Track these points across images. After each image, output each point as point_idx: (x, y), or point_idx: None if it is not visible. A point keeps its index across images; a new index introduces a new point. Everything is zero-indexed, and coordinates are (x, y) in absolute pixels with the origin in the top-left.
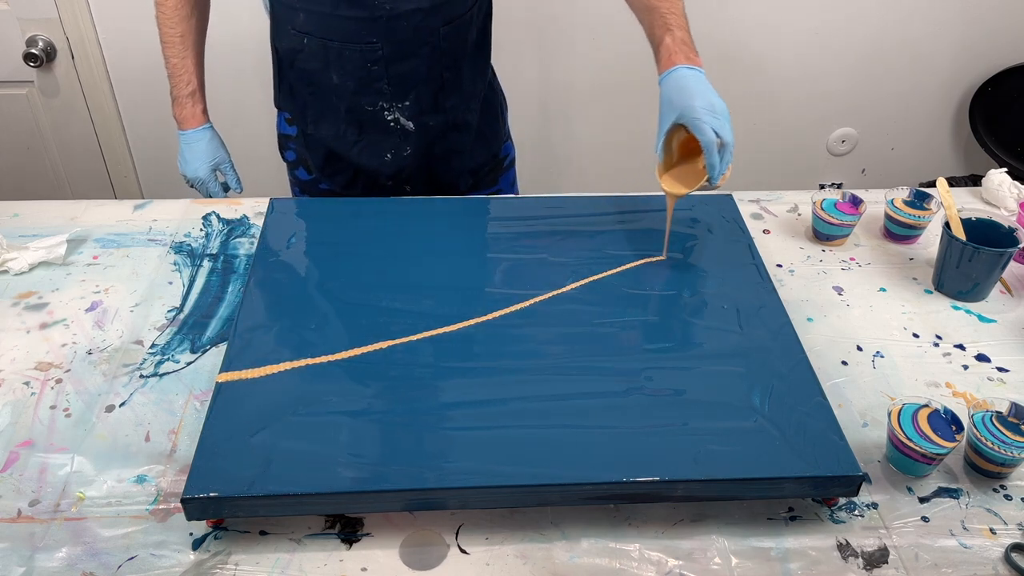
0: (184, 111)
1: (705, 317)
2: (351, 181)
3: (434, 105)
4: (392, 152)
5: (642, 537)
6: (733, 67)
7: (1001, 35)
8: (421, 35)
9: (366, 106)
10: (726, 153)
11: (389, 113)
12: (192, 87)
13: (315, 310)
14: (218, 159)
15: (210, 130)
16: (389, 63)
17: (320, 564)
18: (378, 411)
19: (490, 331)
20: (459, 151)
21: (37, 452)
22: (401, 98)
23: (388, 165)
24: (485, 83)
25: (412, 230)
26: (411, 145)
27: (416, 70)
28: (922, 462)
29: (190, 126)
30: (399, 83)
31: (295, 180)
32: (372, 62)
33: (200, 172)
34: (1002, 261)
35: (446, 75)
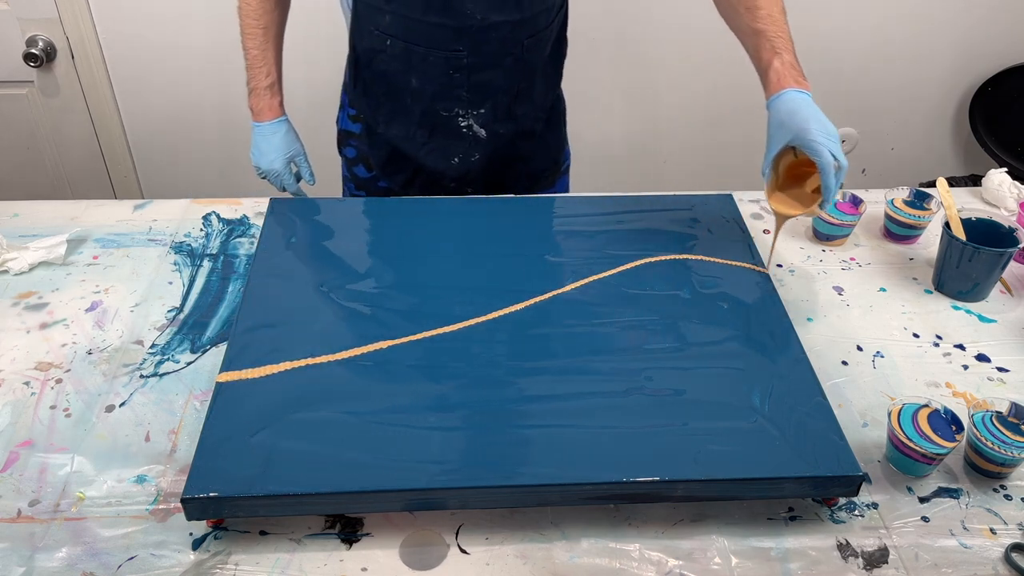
0: (261, 102)
1: (705, 317)
2: (410, 180)
3: (507, 113)
4: (460, 156)
5: (642, 537)
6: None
7: (1001, 35)
8: (506, 46)
9: (441, 111)
10: (841, 175)
11: (464, 120)
12: (271, 79)
13: (315, 310)
14: (293, 151)
15: (286, 122)
16: (471, 71)
17: (320, 564)
18: (378, 411)
19: (490, 331)
20: (523, 158)
21: (37, 452)
22: (477, 106)
23: (454, 168)
24: (555, 94)
25: (412, 230)
26: (480, 151)
27: (496, 80)
28: (922, 462)
29: (266, 118)
30: (477, 91)
31: (352, 177)
32: (455, 69)
33: (276, 164)
34: (1002, 261)
35: (521, 85)
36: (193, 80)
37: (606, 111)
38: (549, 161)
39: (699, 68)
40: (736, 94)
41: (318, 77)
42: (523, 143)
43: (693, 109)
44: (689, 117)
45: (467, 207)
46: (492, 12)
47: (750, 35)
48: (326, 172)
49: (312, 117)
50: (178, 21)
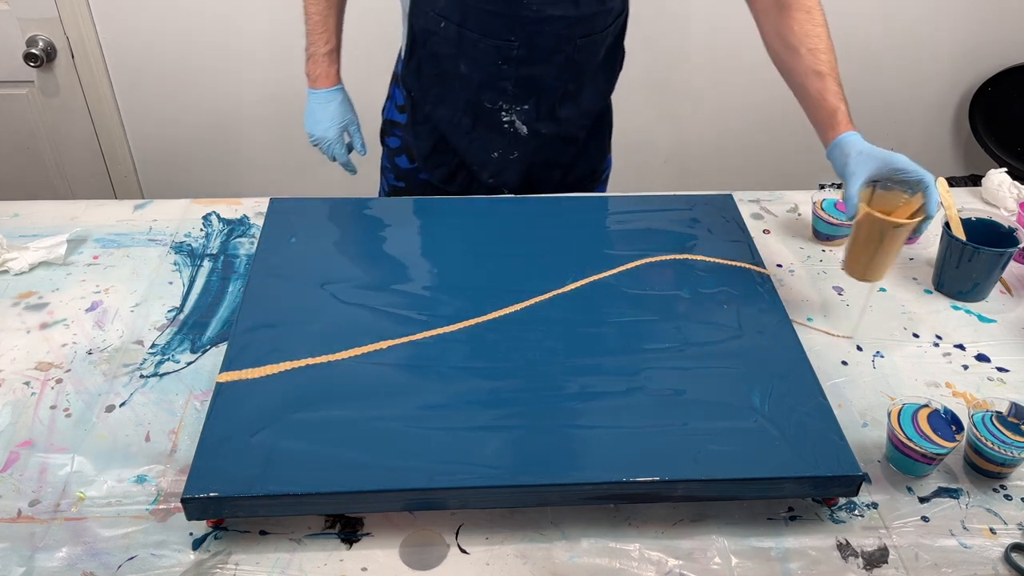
0: (319, 69)
1: (705, 317)
2: (451, 175)
3: (551, 114)
4: (499, 152)
5: (642, 537)
6: (733, 67)
7: (1001, 35)
8: (559, 43)
9: (486, 102)
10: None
11: (507, 115)
12: (331, 46)
13: (315, 310)
14: (347, 120)
15: (342, 91)
16: (520, 64)
17: (320, 564)
18: (378, 411)
19: (490, 331)
20: (561, 164)
21: (37, 452)
22: (522, 101)
23: (493, 163)
24: (605, 104)
25: (412, 230)
26: (519, 149)
27: (544, 76)
28: (922, 462)
29: (323, 85)
30: (524, 85)
31: (393, 167)
32: (504, 60)
33: (329, 132)
34: (1002, 261)
35: (569, 87)
36: (193, 80)
37: None
38: (588, 170)
39: (699, 68)
40: (736, 94)
41: (366, 67)
42: (565, 148)
43: (693, 109)
44: (689, 117)
45: (467, 207)
46: (548, 6)
47: (811, 77)
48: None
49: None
50: (178, 21)
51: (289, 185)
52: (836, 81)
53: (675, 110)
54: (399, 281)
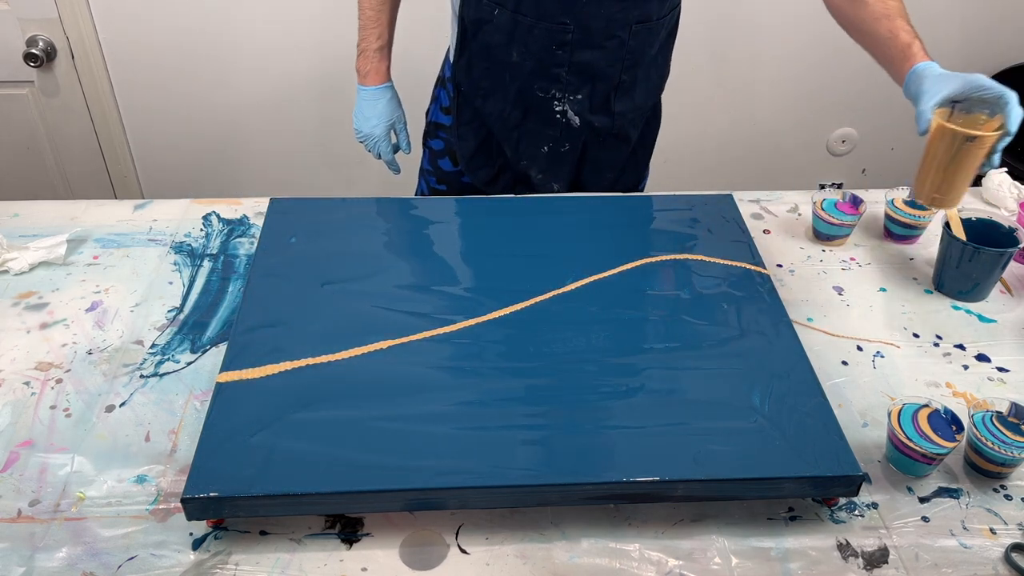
0: (369, 65)
1: (705, 317)
2: (495, 177)
3: (605, 105)
4: (550, 145)
5: (642, 537)
6: (733, 66)
7: (1001, 35)
8: (613, 26)
9: (538, 91)
10: None
11: (559, 104)
12: (382, 42)
13: (315, 310)
14: (395, 118)
15: (392, 88)
16: (574, 49)
17: (320, 564)
18: (378, 411)
19: (490, 331)
20: (612, 165)
21: (37, 452)
22: (576, 90)
23: (543, 158)
24: (655, 100)
25: (412, 230)
26: (570, 142)
27: (598, 62)
28: (922, 462)
29: (373, 82)
30: (578, 72)
31: (435, 170)
32: (558, 45)
33: (377, 130)
34: (1002, 261)
35: (624, 77)
36: (193, 80)
37: None
38: (634, 179)
39: (699, 68)
40: (736, 94)
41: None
42: (617, 147)
43: (693, 109)
44: (689, 117)
45: (467, 207)
46: None
47: (881, 21)
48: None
49: None
50: (178, 21)
51: (289, 185)
52: (907, 20)
53: (675, 110)
54: (399, 281)
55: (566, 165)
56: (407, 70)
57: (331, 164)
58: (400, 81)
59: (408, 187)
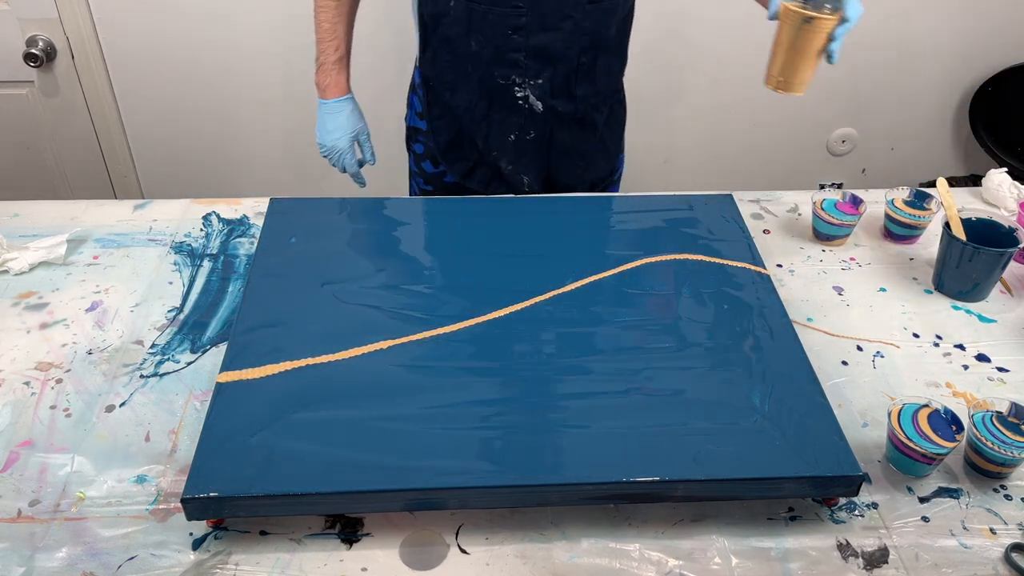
0: (328, 78)
1: (705, 317)
2: (471, 170)
3: (566, 89)
4: (516, 134)
5: (642, 537)
6: (733, 66)
7: (1001, 35)
8: (565, 7)
9: (499, 78)
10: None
11: (521, 90)
12: (339, 54)
13: (315, 310)
14: (358, 130)
15: (352, 100)
16: (530, 33)
17: (320, 564)
18: (378, 411)
19: (490, 331)
20: (581, 152)
21: (37, 452)
22: (535, 75)
23: (510, 148)
24: (617, 86)
25: (412, 230)
26: (535, 128)
27: (554, 45)
28: (922, 462)
29: (333, 95)
30: (536, 56)
31: (420, 172)
32: (513, 29)
33: (341, 142)
34: (1002, 261)
35: (582, 59)
36: (193, 80)
37: None
38: (607, 168)
39: (699, 68)
40: (737, 94)
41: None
42: (580, 132)
43: (693, 109)
44: (689, 117)
45: (467, 207)
46: None
47: None
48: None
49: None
50: (178, 21)
51: (289, 185)
52: None
53: (675, 110)
54: (399, 281)
55: (534, 153)
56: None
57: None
58: (377, 88)
59: (405, 189)
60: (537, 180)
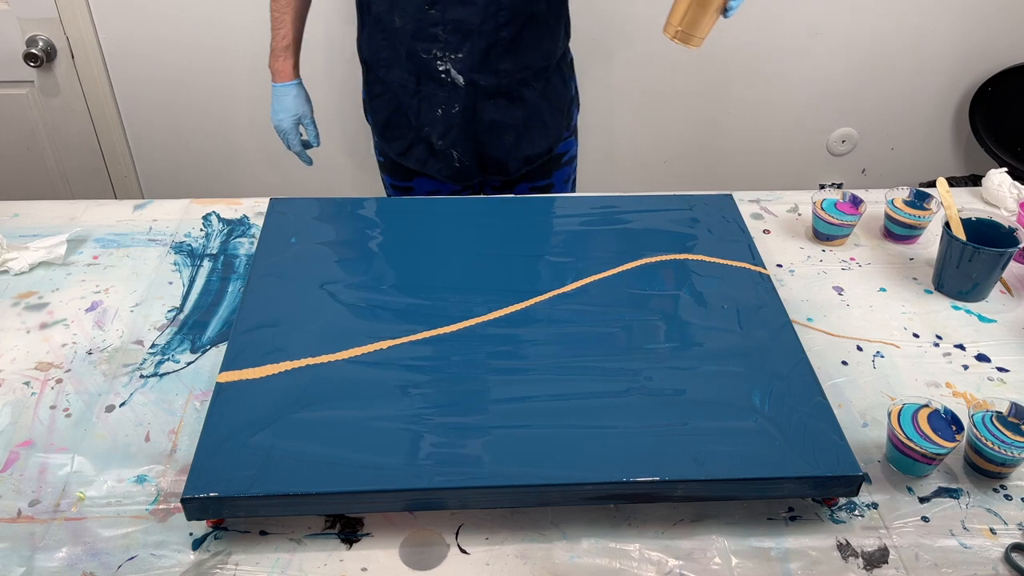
0: (277, 63)
1: (705, 317)
2: (408, 148)
3: (487, 63)
4: (443, 107)
5: (642, 537)
6: (733, 67)
7: (1001, 35)
8: None
9: (422, 53)
10: None
11: (442, 63)
12: (287, 41)
13: (315, 310)
14: (301, 114)
15: (297, 86)
16: (447, 7)
17: (320, 564)
18: (378, 411)
19: (490, 331)
20: (510, 126)
21: (37, 452)
22: (455, 49)
23: (438, 122)
24: (550, 63)
25: (412, 230)
26: (459, 102)
27: (471, 19)
28: (922, 462)
29: (280, 79)
30: (454, 31)
31: (385, 184)
32: (430, 4)
33: (284, 123)
34: (1002, 261)
35: (502, 33)
36: (193, 80)
37: (607, 111)
38: (545, 145)
39: (699, 68)
40: (736, 94)
41: None
42: (508, 107)
43: (693, 109)
44: (689, 117)
45: (467, 207)
46: None
47: None
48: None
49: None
50: (178, 21)
51: (289, 185)
52: None
53: (675, 110)
54: (399, 281)
55: (462, 127)
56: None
57: (331, 164)
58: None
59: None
60: (468, 155)
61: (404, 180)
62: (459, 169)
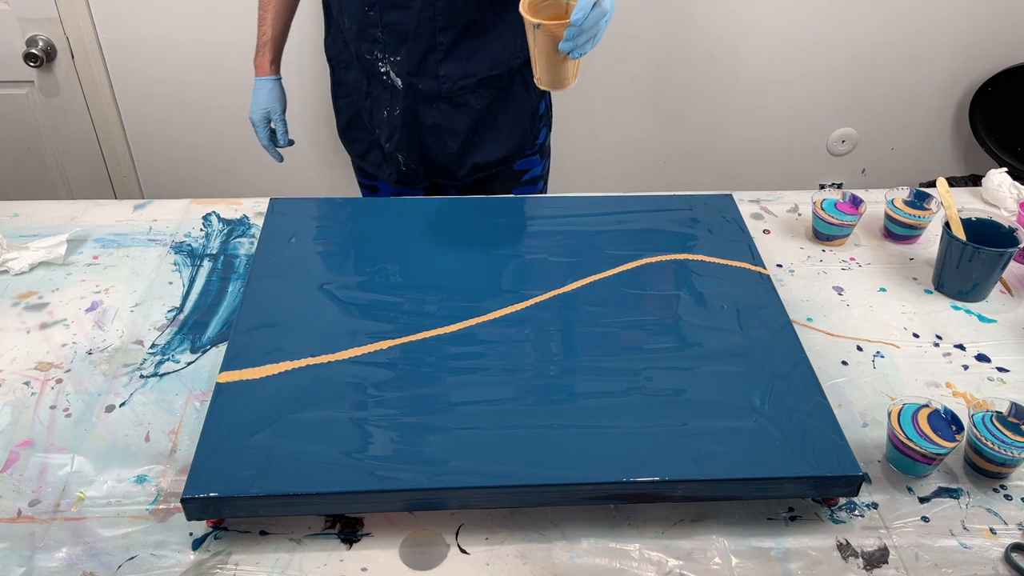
0: (257, 59)
1: (705, 317)
2: (367, 151)
3: (425, 68)
4: (387, 110)
5: (642, 537)
6: (733, 67)
7: (1001, 35)
8: None
9: (366, 54)
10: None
11: (383, 65)
12: (266, 38)
13: (315, 310)
14: (271, 110)
15: (271, 81)
16: (383, 9)
17: (320, 564)
18: (378, 411)
19: (490, 331)
20: (454, 131)
21: (37, 452)
22: (394, 52)
23: (385, 124)
24: (503, 72)
25: (412, 230)
26: (399, 105)
27: (407, 23)
28: (922, 462)
29: (258, 74)
30: (391, 33)
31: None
32: (369, 6)
33: (253, 117)
34: (1002, 261)
35: (439, 38)
36: (193, 80)
37: (607, 111)
38: (498, 154)
39: (699, 68)
40: (736, 94)
41: None
42: (451, 111)
43: (693, 109)
44: (689, 117)
45: (467, 207)
46: None
47: None
48: None
49: None
50: (178, 21)
51: (289, 185)
52: None
53: (675, 110)
54: (399, 281)
55: (405, 131)
56: None
57: (331, 164)
58: None
59: None
60: (413, 158)
61: (368, 179)
62: (405, 172)
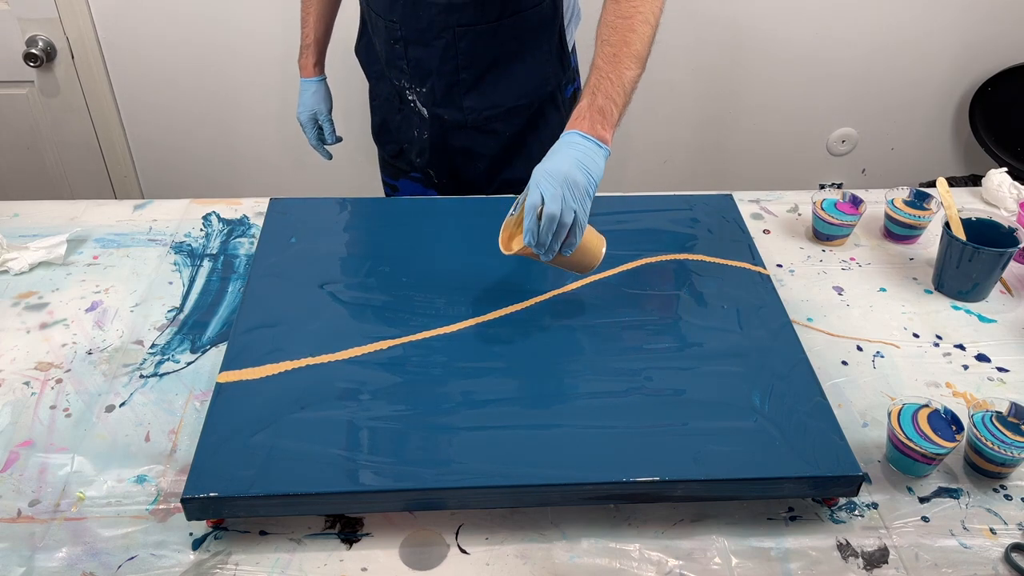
0: (301, 60)
1: (705, 317)
2: (398, 153)
3: (450, 100)
4: (416, 131)
5: (642, 537)
6: (733, 67)
7: (1001, 35)
8: (435, 28)
9: (394, 80)
10: (553, 225)
11: (410, 93)
12: (309, 40)
13: (315, 310)
14: (317, 110)
15: (316, 83)
16: (407, 45)
17: (320, 564)
18: (378, 411)
19: (490, 331)
20: (483, 155)
21: (37, 452)
22: (419, 84)
23: (417, 142)
24: (534, 100)
25: (412, 230)
26: (427, 131)
27: (429, 60)
28: (922, 462)
29: (303, 75)
30: (416, 68)
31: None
32: (394, 40)
33: (301, 118)
34: (1002, 261)
35: (462, 75)
36: (193, 80)
37: None
38: (529, 171)
39: (699, 68)
40: (736, 94)
41: None
42: (479, 137)
43: (693, 109)
44: (689, 117)
45: (467, 207)
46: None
47: (591, 68)
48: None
49: None
50: (178, 21)
51: (289, 185)
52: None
53: (675, 110)
54: (399, 281)
55: (432, 151)
56: None
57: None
58: None
59: None
60: (443, 175)
61: (392, 178)
62: (437, 184)
